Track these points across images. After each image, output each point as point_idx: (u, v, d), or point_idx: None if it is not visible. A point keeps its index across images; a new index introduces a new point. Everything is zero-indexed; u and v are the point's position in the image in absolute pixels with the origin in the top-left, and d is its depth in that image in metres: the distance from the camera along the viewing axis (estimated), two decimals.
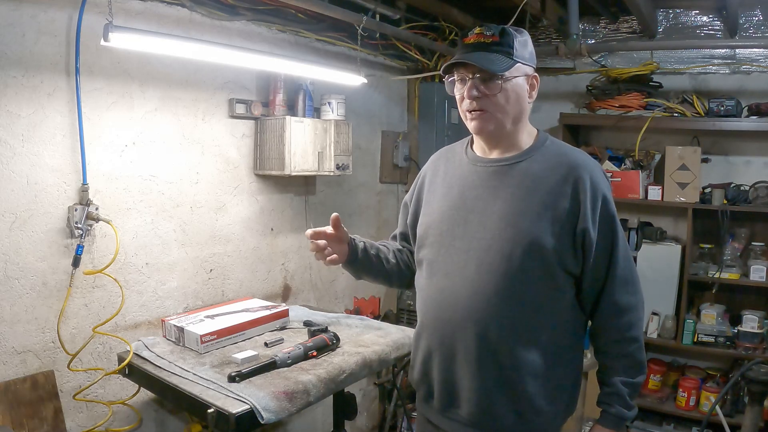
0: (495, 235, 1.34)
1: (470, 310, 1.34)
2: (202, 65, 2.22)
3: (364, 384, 3.22)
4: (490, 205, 1.37)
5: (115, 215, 1.98)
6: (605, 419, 1.37)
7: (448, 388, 1.41)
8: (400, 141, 3.37)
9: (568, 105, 3.61)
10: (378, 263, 1.59)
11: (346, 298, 3.15)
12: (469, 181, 1.43)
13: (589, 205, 1.30)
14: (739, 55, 3.07)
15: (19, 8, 1.72)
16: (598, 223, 1.32)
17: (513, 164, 1.38)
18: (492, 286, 1.32)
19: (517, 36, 1.34)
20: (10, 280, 1.76)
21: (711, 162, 3.26)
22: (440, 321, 1.41)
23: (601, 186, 1.34)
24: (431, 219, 1.47)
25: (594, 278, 1.35)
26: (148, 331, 2.13)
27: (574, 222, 1.30)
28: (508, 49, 1.32)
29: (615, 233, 1.34)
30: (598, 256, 1.32)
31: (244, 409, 1.50)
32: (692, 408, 3.09)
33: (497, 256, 1.32)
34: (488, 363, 1.34)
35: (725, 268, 3.02)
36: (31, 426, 1.75)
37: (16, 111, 1.74)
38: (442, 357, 1.41)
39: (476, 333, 1.34)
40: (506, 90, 1.32)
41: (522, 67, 1.34)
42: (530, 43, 1.38)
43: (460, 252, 1.38)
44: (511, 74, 1.32)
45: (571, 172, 1.33)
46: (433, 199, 1.49)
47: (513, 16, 2.66)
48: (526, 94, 1.37)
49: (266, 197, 2.60)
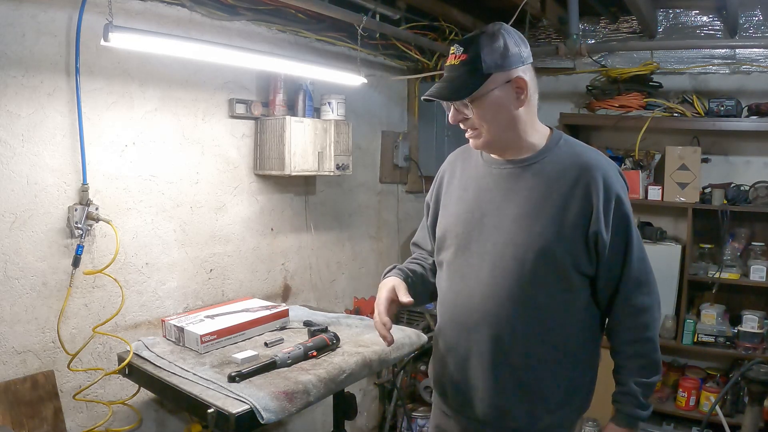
0: (508, 239, 1.34)
1: (484, 313, 1.35)
2: (202, 65, 2.22)
3: (364, 384, 3.22)
4: (503, 208, 1.36)
5: (115, 215, 1.98)
6: (619, 418, 1.37)
7: (462, 388, 1.42)
8: (400, 141, 3.37)
9: (568, 105, 3.61)
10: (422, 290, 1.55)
11: (346, 298, 3.15)
12: (484, 183, 1.42)
13: (601, 207, 1.29)
14: (739, 55, 3.07)
15: (19, 8, 1.72)
16: (612, 225, 1.31)
17: (526, 166, 1.37)
18: (505, 290, 1.33)
19: (487, 44, 1.27)
20: (10, 280, 1.76)
21: (711, 162, 3.25)
22: (456, 323, 1.42)
23: (614, 186, 1.32)
24: (448, 221, 1.47)
25: (608, 279, 1.34)
26: (148, 331, 2.13)
27: (587, 224, 1.30)
28: (476, 64, 1.26)
29: (629, 234, 1.33)
30: (612, 258, 1.32)
31: (244, 409, 1.50)
32: (692, 408, 3.09)
33: (510, 260, 1.33)
34: (502, 365, 1.35)
35: (725, 268, 3.02)
36: (31, 426, 1.75)
37: (16, 111, 1.74)
38: (457, 358, 1.42)
39: (490, 335, 1.35)
40: (481, 108, 1.30)
41: (498, 76, 1.28)
42: (509, 44, 1.28)
43: (475, 255, 1.38)
44: (482, 91, 1.27)
45: (584, 174, 1.31)
46: (450, 201, 1.49)
47: (513, 16, 2.66)
48: (512, 101, 1.31)
49: (266, 197, 2.60)
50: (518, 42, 1.31)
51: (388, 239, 3.43)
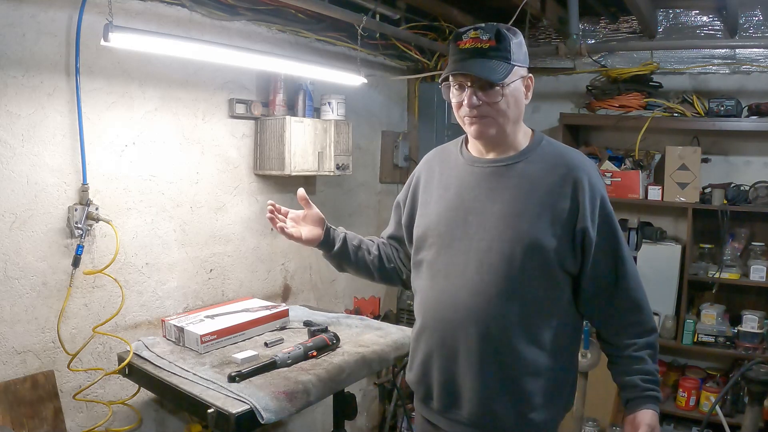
0: (495, 236, 1.34)
1: (471, 310, 1.35)
2: (202, 65, 2.22)
3: (364, 384, 3.23)
4: (488, 206, 1.37)
5: (115, 215, 1.98)
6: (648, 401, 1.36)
7: (449, 388, 1.41)
8: (400, 141, 3.37)
9: (568, 105, 3.61)
10: (360, 254, 1.62)
11: (346, 298, 3.15)
12: (467, 182, 1.43)
13: (588, 206, 1.32)
14: (739, 55, 3.07)
15: (19, 8, 1.72)
16: (598, 223, 1.34)
17: (510, 165, 1.39)
18: (493, 287, 1.33)
19: (513, 38, 1.32)
20: (10, 280, 1.76)
21: (711, 162, 3.26)
22: (441, 322, 1.41)
23: (598, 187, 1.36)
24: (429, 220, 1.47)
25: (595, 277, 1.35)
26: (148, 331, 2.13)
27: (573, 221, 1.32)
28: (505, 53, 1.29)
29: (616, 232, 1.37)
30: (599, 256, 1.34)
31: (244, 409, 1.50)
32: (692, 408, 3.09)
33: (498, 257, 1.33)
34: (490, 363, 1.35)
35: (725, 268, 3.02)
36: (31, 426, 1.75)
37: (16, 111, 1.74)
38: (443, 358, 1.41)
39: (478, 333, 1.34)
40: (506, 96, 1.32)
41: (519, 70, 1.33)
42: (524, 43, 1.36)
43: (459, 253, 1.38)
44: (509, 80, 1.31)
45: (570, 173, 1.34)
46: (430, 200, 1.49)
47: (513, 16, 2.66)
48: (523, 97, 1.37)
49: (266, 197, 2.60)
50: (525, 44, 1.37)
51: None
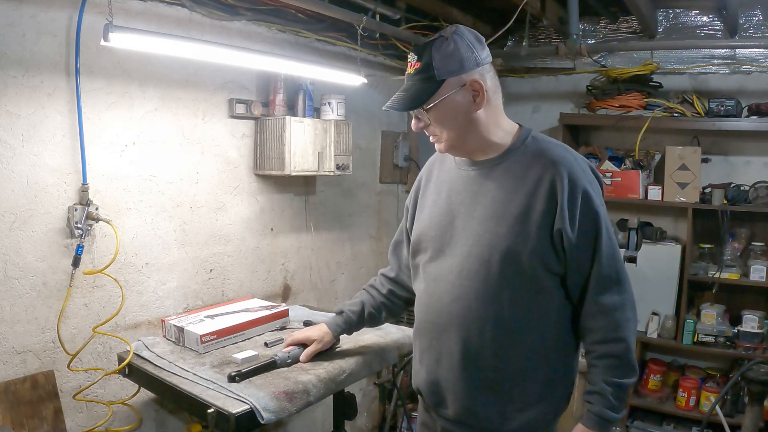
0: (474, 241, 1.34)
1: (452, 315, 1.37)
2: (202, 65, 2.22)
3: (364, 384, 3.23)
4: (471, 210, 1.37)
5: (115, 215, 1.98)
6: (587, 418, 1.33)
7: (435, 389, 1.45)
8: (400, 141, 3.37)
9: (568, 105, 3.61)
10: (369, 324, 1.76)
11: (346, 298, 3.15)
12: (455, 186, 1.43)
13: (566, 205, 1.26)
14: (739, 55, 3.06)
15: (19, 8, 1.72)
16: (579, 221, 1.27)
17: (493, 166, 1.37)
18: (473, 292, 1.33)
19: (438, 49, 1.27)
20: (10, 280, 1.76)
21: (711, 162, 3.26)
22: (429, 324, 1.45)
23: (581, 182, 1.28)
24: (423, 225, 1.48)
25: (577, 276, 1.32)
26: (148, 331, 2.13)
27: (551, 222, 1.28)
28: (430, 72, 1.27)
29: (598, 230, 1.29)
30: (579, 255, 1.29)
31: (244, 409, 1.50)
32: (692, 408, 3.09)
33: (476, 263, 1.33)
34: (471, 366, 1.36)
35: (725, 268, 3.02)
36: (31, 426, 1.75)
37: (16, 111, 1.74)
38: (430, 359, 1.45)
39: (459, 337, 1.36)
40: (438, 115, 1.32)
41: (452, 82, 1.28)
42: (460, 48, 1.27)
43: (447, 258, 1.40)
44: (436, 98, 1.28)
45: (548, 170, 1.29)
46: (425, 204, 1.51)
47: (513, 16, 2.66)
48: (469, 104, 1.30)
49: (266, 197, 2.60)
50: (472, 44, 1.29)
51: (388, 239, 3.40)
